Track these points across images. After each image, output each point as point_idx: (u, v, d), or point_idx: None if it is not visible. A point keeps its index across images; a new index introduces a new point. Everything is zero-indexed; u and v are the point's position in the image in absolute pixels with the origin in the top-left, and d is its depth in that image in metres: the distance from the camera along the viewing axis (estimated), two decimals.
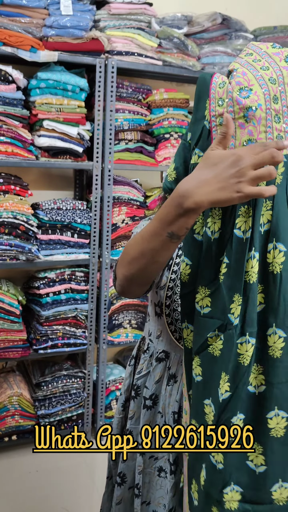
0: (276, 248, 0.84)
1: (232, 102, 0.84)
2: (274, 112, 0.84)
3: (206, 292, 0.90)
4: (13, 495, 2.42)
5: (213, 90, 0.86)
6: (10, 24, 2.23)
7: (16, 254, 2.42)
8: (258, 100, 0.83)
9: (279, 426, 0.92)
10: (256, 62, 0.87)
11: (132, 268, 1.02)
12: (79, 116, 2.45)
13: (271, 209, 0.85)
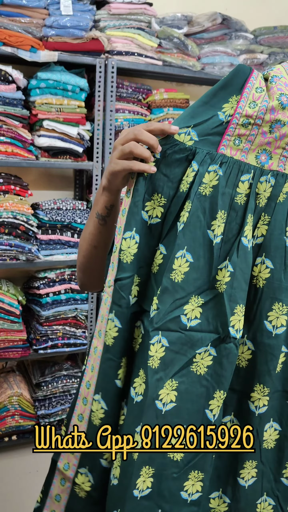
0: (264, 263, 0.85)
1: (266, 109, 0.84)
2: None
3: (197, 301, 0.84)
4: (13, 495, 2.41)
5: (247, 89, 0.84)
6: (10, 24, 2.23)
7: (16, 254, 2.42)
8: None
9: (271, 438, 0.93)
10: None
11: (80, 256, 1.04)
12: (79, 116, 2.45)
13: (267, 224, 0.85)
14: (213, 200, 0.85)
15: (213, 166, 0.84)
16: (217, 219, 0.84)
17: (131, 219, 0.84)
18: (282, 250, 0.85)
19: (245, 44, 2.74)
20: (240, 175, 0.85)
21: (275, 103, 0.83)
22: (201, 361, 0.85)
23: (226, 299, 0.83)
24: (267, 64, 2.84)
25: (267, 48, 2.82)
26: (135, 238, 0.84)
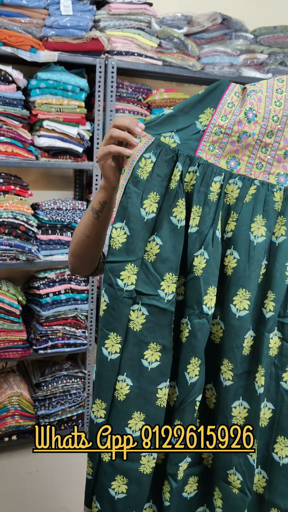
0: (232, 255, 0.99)
1: (234, 121, 0.97)
2: (264, 144, 0.98)
3: (182, 280, 1.02)
4: (13, 495, 2.42)
5: (221, 105, 0.99)
6: (10, 24, 2.23)
7: (16, 254, 2.42)
8: (254, 130, 0.97)
9: (240, 416, 1.06)
10: (279, 92, 0.98)
11: (73, 243, 1.19)
12: (79, 116, 2.45)
13: (235, 221, 0.99)
14: (190, 197, 0.98)
15: (192, 168, 0.98)
16: (193, 212, 0.98)
17: (122, 212, 0.97)
18: (247, 244, 0.98)
19: (245, 44, 2.74)
20: (213, 177, 0.98)
21: (242, 116, 0.96)
22: (182, 330, 1.01)
23: (202, 282, 0.97)
24: (267, 64, 2.84)
25: (267, 48, 2.82)
26: (124, 229, 0.97)
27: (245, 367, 1.02)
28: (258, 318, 1.01)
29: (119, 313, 0.98)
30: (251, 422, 1.06)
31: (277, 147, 0.98)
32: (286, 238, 0.99)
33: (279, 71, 2.86)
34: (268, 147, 0.98)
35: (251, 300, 0.99)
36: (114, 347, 0.98)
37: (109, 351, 0.99)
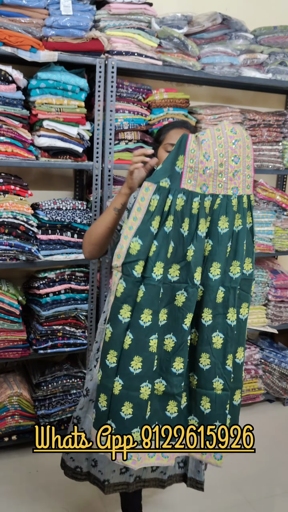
0: (208, 242, 1.60)
1: (198, 161, 1.54)
2: (219, 172, 1.56)
3: (177, 267, 1.58)
4: (13, 494, 2.42)
5: (187, 152, 1.55)
6: (10, 24, 2.23)
7: (16, 254, 2.42)
8: (211, 164, 1.55)
9: (218, 342, 1.62)
10: (219, 138, 1.56)
11: (94, 234, 1.78)
12: (79, 116, 2.45)
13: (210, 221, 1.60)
14: (182, 212, 1.56)
15: (180, 195, 1.55)
16: (184, 222, 1.56)
17: (139, 232, 1.52)
18: (217, 234, 1.58)
19: (245, 44, 2.74)
20: (193, 198, 1.57)
21: (201, 157, 1.54)
22: (179, 299, 1.59)
23: (192, 264, 1.56)
24: (267, 64, 2.84)
25: (267, 48, 2.82)
26: (139, 242, 1.51)
27: (219, 310, 1.61)
28: (226, 279, 1.61)
29: (132, 292, 1.52)
30: (226, 345, 1.62)
31: (227, 172, 1.58)
32: (242, 227, 1.61)
33: (279, 71, 2.86)
34: (222, 173, 1.57)
35: (221, 268, 1.59)
36: (126, 314, 1.52)
37: (123, 317, 1.52)
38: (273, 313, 3.17)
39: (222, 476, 2.61)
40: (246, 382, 3.18)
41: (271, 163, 2.96)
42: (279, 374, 3.26)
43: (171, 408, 1.63)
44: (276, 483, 2.63)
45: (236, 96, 3.25)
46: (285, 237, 3.13)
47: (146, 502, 2.43)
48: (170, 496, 2.48)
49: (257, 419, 3.17)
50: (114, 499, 2.43)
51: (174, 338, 1.59)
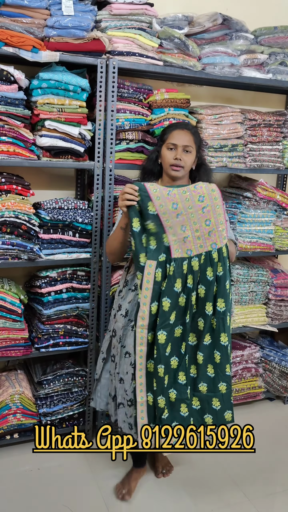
0: (201, 287, 2.14)
1: (169, 209, 2.02)
2: (197, 236, 2.05)
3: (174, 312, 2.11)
4: (14, 492, 2.43)
5: (153, 200, 2.03)
6: (12, 25, 2.24)
7: (18, 253, 2.43)
8: (189, 234, 2.06)
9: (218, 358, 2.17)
10: (184, 193, 2.04)
11: (109, 246, 2.30)
12: (80, 116, 2.46)
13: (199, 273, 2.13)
14: (174, 275, 2.06)
15: (172, 263, 2.07)
16: (177, 282, 2.07)
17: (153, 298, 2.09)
18: (206, 281, 2.09)
19: (246, 45, 2.74)
20: (183, 262, 2.07)
21: (170, 207, 2.03)
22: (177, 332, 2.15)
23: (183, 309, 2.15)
24: (268, 64, 2.85)
25: (268, 49, 2.83)
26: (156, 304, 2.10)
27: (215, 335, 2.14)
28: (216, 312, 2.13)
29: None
30: (222, 359, 2.15)
31: (203, 234, 2.05)
32: (222, 272, 2.09)
33: (279, 71, 2.87)
34: (200, 237, 2.06)
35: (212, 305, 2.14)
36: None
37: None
38: (273, 311, 3.18)
39: (222, 473, 2.63)
40: (247, 381, 3.20)
41: (271, 162, 2.97)
42: (279, 372, 3.27)
43: (183, 409, 2.11)
44: (276, 481, 2.65)
45: (237, 96, 3.26)
46: (285, 236, 3.14)
47: (145, 499, 2.45)
48: (171, 493, 2.49)
49: (258, 417, 3.19)
50: (114, 496, 2.44)
51: (177, 359, 2.13)
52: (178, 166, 2.20)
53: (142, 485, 2.52)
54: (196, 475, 2.59)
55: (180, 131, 2.23)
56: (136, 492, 2.47)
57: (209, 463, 2.69)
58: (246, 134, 2.88)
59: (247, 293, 3.08)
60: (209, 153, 2.78)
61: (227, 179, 3.36)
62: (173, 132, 2.23)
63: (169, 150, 2.22)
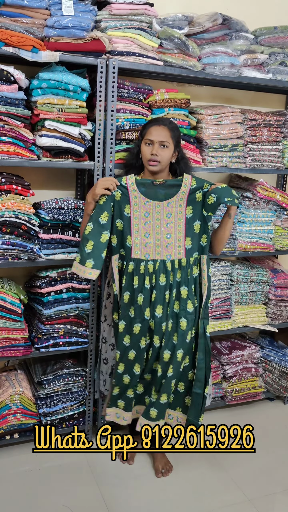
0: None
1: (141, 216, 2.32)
2: (156, 244, 2.36)
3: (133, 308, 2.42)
4: (14, 493, 2.43)
5: (131, 204, 2.33)
6: (12, 25, 2.23)
7: (18, 253, 2.43)
8: (150, 240, 2.36)
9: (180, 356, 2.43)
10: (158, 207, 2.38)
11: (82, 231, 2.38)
12: (80, 116, 2.46)
13: None
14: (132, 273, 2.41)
15: (131, 262, 2.41)
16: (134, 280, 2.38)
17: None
18: (158, 286, 2.37)
19: (246, 45, 2.74)
20: (140, 264, 2.34)
21: (143, 215, 2.37)
22: (136, 328, 2.43)
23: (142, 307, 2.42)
24: (268, 64, 2.85)
25: (268, 49, 2.83)
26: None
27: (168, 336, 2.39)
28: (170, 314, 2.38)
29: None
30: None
31: (163, 244, 2.37)
32: (179, 279, 2.40)
33: (279, 71, 2.87)
34: (159, 245, 2.36)
35: (164, 308, 2.37)
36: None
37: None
38: (273, 311, 3.19)
39: (222, 474, 2.62)
40: (247, 381, 3.20)
41: (271, 162, 2.98)
42: (279, 372, 3.27)
43: (130, 392, 2.47)
44: (276, 481, 2.65)
45: (237, 96, 3.26)
46: (285, 236, 3.14)
47: (145, 499, 2.45)
48: (170, 493, 2.49)
49: (258, 418, 3.19)
50: (114, 496, 2.44)
51: (134, 352, 2.42)
52: (155, 161, 2.30)
53: (142, 484, 2.52)
54: (195, 475, 2.59)
55: (157, 127, 2.33)
56: (135, 492, 2.47)
57: (209, 463, 2.69)
58: (246, 134, 2.88)
59: (247, 293, 3.08)
60: (209, 153, 2.78)
61: (227, 179, 3.36)
62: (151, 128, 2.33)
63: (146, 146, 2.33)
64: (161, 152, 2.31)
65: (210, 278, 2.45)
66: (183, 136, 2.71)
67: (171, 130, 2.35)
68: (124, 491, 2.48)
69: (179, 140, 2.42)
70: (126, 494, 2.47)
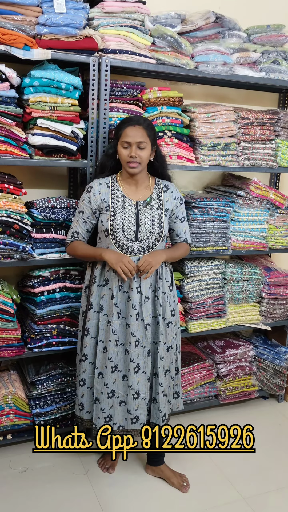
0: None
1: None
2: None
3: None
4: (7, 494, 2.41)
5: None
6: (3, 22, 2.21)
7: (10, 253, 2.41)
8: None
9: None
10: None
11: (78, 253, 2.37)
12: (73, 115, 2.45)
13: None
14: None
15: None
16: None
17: None
18: None
19: (238, 43, 2.74)
20: None
21: None
22: None
23: None
24: (260, 62, 2.85)
25: (260, 47, 2.83)
26: None
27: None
28: None
29: None
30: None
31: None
32: None
33: (272, 70, 2.87)
34: None
35: None
36: None
37: None
38: (266, 310, 3.19)
39: (217, 472, 2.62)
40: (241, 379, 3.20)
41: (264, 161, 2.98)
42: (273, 371, 3.28)
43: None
44: (270, 479, 2.65)
45: (230, 95, 3.26)
46: (278, 235, 3.15)
47: (140, 498, 2.44)
48: (165, 492, 2.49)
49: (252, 416, 3.19)
50: (111, 498, 2.43)
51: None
52: (134, 162, 2.24)
53: (137, 484, 2.51)
54: (190, 474, 2.58)
55: (132, 127, 2.24)
56: (130, 492, 2.46)
57: (203, 462, 2.68)
58: (239, 132, 2.88)
59: (241, 291, 3.08)
60: (202, 151, 2.78)
61: (220, 177, 3.35)
62: (126, 129, 2.24)
63: (124, 148, 2.25)
64: (139, 153, 2.24)
65: None
66: (176, 135, 2.70)
67: (147, 129, 2.26)
68: (119, 491, 2.47)
69: (155, 138, 2.35)
70: (121, 494, 2.45)
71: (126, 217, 2.30)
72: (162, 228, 2.34)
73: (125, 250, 2.29)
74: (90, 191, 2.33)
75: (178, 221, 2.43)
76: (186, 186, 3.25)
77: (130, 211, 2.31)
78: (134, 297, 2.28)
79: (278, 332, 3.39)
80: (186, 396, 3.01)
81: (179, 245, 2.48)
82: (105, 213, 2.31)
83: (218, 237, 2.91)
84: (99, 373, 2.35)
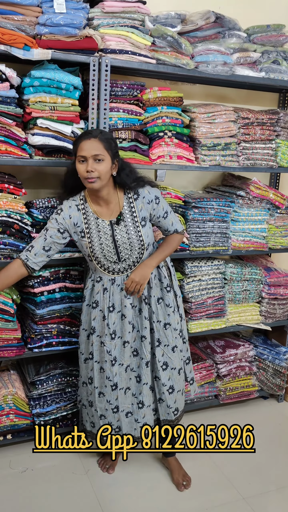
0: None
1: None
2: None
3: None
4: (7, 494, 2.41)
5: None
6: (3, 22, 2.21)
7: (10, 253, 2.41)
8: None
9: None
10: None
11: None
12: (73, 115, 2.45)
13: None
14: None
15: None
16: None
17: None
18: None
19: (238, 43, 2.74)
20: None
21: None
22: None
23: None
24: (260, 62, 2.85)
25: (260, 47, 2.83)
26: None
27: None
28: None
29: None
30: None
31: None
32: None
33: (272, 70, 2.87)
34: None
35: None
36: None
37: None
38: (266, 310, 3.19)
39: (217, 472, 2.62)
40: (241, 379, 3.20)
41: (264, 161, 2.98)
42: (273, 371, 3.28)
43: None
44: (270, 479, 2.65)
45: (230, 95, 3.26)
46: (278, 234, 3.15)
47: (142, 497, 2.44)
48: (165, 491, 2.49)
49: (252, 416, 3.19)
50: (111, 498, 2.43)
51: None
52: (92, 178, 2.12)
53: (137, 484, 2.51)
54: (190, 474, 2.58)
55: (87, 141, 2.12)
56: (130, 492, 2.46)
57: (203, 462, 2.68)
58: (239, 132, 2.88)
59: (241, 291, 3.08)
60: (202, 151, 2.78)
61: (220, 177, 3.35)
62: (81, 143, 2.13)
63: (80, 163, 2.13)
64: (96, 167, 2.10)
65: None
66: (176, 135, 2.70)
67: (102, 141, 2.13)
68: (119, 491, 2.47)
69: (116, 150, 2.21)
70: (121, 494, 2.46)
71: (103, 241, 2.24)
72: (142, 241, 2.26)
73: (111, 271, 2.29)
74: (60, 214, 2.26)
75: (161, 219, 2.35)
76: (186, 186, 3.26)
77: (105, 233, 2.24)
78: (129, 313, 2.32)
79: (278, 332, 3.39)
80: (186, 396, 3.01)
81: (169, 238, 2.41)
82: (82, 240, 2.27)
83: (218, 237, 2.91)
84: (100, 393, 2.39)
